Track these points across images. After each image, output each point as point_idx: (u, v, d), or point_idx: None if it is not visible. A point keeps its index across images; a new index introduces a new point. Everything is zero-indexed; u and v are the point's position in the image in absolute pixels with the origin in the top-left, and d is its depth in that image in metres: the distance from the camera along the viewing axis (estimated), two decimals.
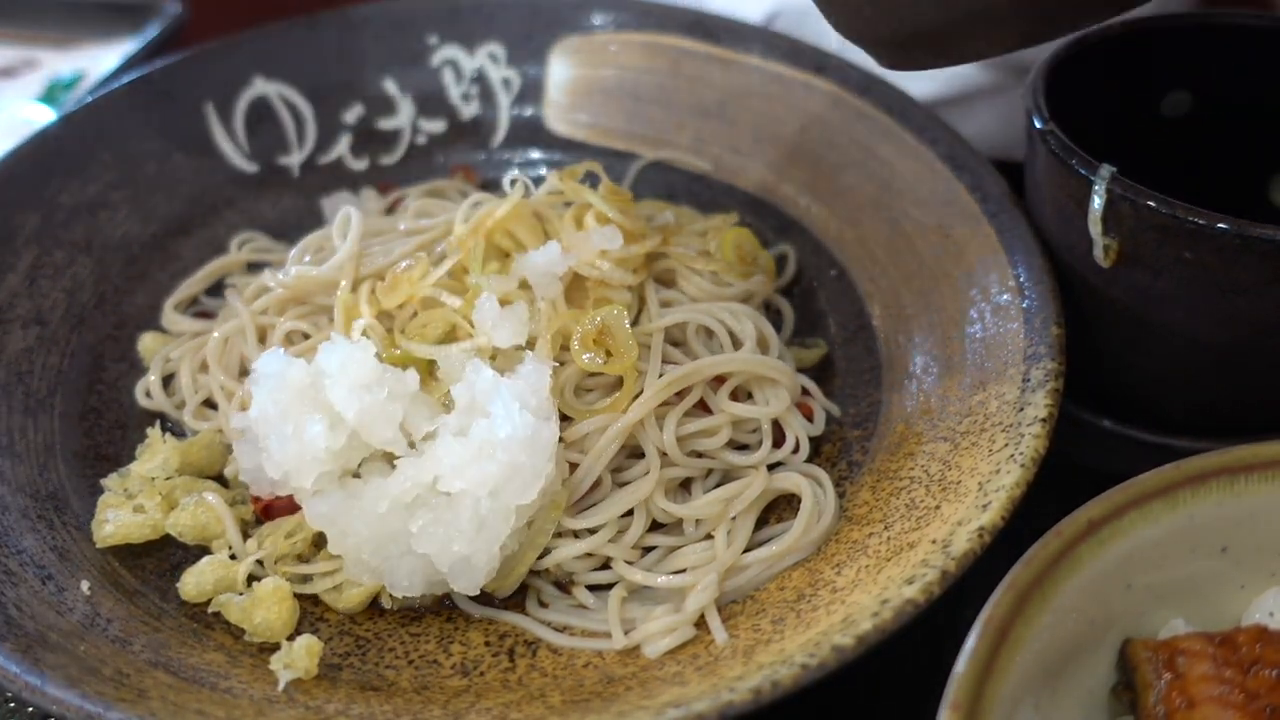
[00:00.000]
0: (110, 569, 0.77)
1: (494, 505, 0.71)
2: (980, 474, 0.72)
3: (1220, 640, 0.61)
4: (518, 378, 0.74)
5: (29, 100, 1.29)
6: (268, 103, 1.07)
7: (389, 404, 0.74)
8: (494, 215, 0.84)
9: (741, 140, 1.05)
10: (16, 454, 0.82)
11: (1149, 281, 0.76)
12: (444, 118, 1.11)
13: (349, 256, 0.85)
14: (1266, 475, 0.65)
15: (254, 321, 0.88)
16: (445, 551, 0.71)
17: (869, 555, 0.72)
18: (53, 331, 0.90)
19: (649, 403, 0.77)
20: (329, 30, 1.09)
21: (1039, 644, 0.59)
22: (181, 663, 0.70)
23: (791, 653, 0.64)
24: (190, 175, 1.03)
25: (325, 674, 0.71)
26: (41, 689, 0.64)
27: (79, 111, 1.01)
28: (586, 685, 0.69)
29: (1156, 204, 0.72)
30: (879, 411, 0.85)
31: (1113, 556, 0.62)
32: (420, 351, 0.79)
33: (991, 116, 1.09)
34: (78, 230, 0.96)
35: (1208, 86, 0.90)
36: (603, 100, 1.10)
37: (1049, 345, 0.77)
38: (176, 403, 0.89)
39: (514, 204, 0.85)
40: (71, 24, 1.39)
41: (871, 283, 0.93)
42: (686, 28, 1.08)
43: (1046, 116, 0.79)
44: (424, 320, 0.81)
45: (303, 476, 0.74)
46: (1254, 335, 0.76)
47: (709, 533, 0.78)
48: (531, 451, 0.71)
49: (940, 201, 0.91)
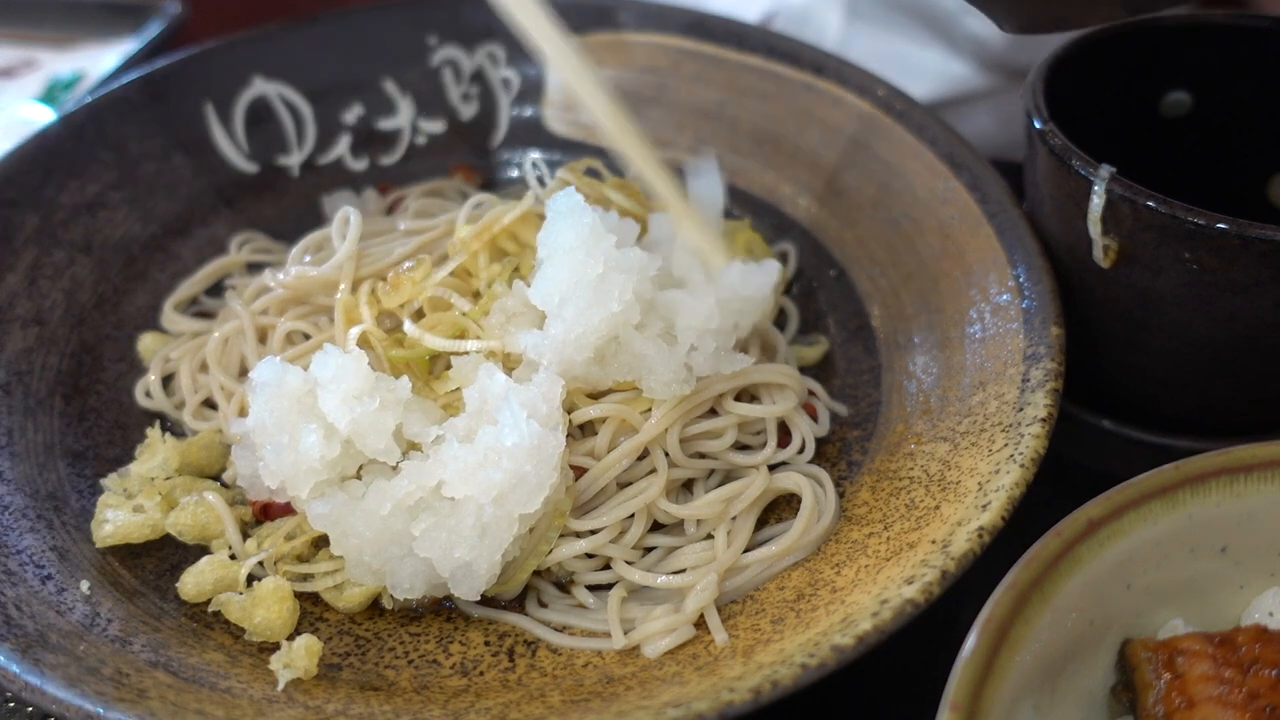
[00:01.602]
0: (110, 569, 0.77)
1: (498, 513, 0.71)
2: (980, 474, 0.72)
3: (1219, 640, 0.61)
4: (530, 385, 0.74)
5: (28, 100, 1.29)
6: (267, 103, 1.07)
7: (380, 414, 0.74)
8: (501, 221, 0.84)
9: (741, 140, 1.05)
10: (16, 454, 0.82)
11: (1148, 281, 0.77)
12: (444, 118, 1.11)
13: (348, 256, 0.85)
14: (1266, 475, 0.65)
15: (254, 322, 0.88)
16: (447, 557, 0.71)
17: (869, 555, 0.72)
18: (52, 331, 0.90)
19: (664, 421, 0.77)
20: (329, 30, 1.09)
21: (1038, 644, 0.59)
22: (181, 662, 0.70)
23: (791, 653, 0.64)
24: (190, 175, 1.03)
25: (325, 674, 0.71)
26: (41, 689, 0.64)
27: (78, 112, 1.01)
28: (586, 685, 0.69)
29: (1156, 204, 0.72)
30: (879, 411, 0.85)
31: (1112, 557, 0.62)
32: (439, 345, 0.78)
33: (991, 117, 1.10)
34: (77, 230, 0.96)
35: (1207, 86, 0.91)
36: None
37: (1048, 345, 0.77)
38: (176, 403, 0.89)
39: (524, 210, 0.85)
40: (71, 24, 1.39)
41: (871, 283, 0.93)
42: (686, 28, 1.08)
43: (1046, 116, 0.79)
44: (433, 321, 0.81)
45: (299, 485, 0.74)
46: (1253, 335, 0.76)
47: (709, 533, 0.78)
48: (537, 461, 0.71)
49: (940, 202, 0.91)
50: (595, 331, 0.75)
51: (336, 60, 1.09)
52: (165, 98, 1.04)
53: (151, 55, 1.23)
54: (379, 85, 1.10)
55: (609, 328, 0.75)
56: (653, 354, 0.76)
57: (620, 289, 0.75)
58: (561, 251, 0.76)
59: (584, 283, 0.75)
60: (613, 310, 0.75)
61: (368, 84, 1.10)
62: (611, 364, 0.77)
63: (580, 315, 0.75)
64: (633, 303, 0.75)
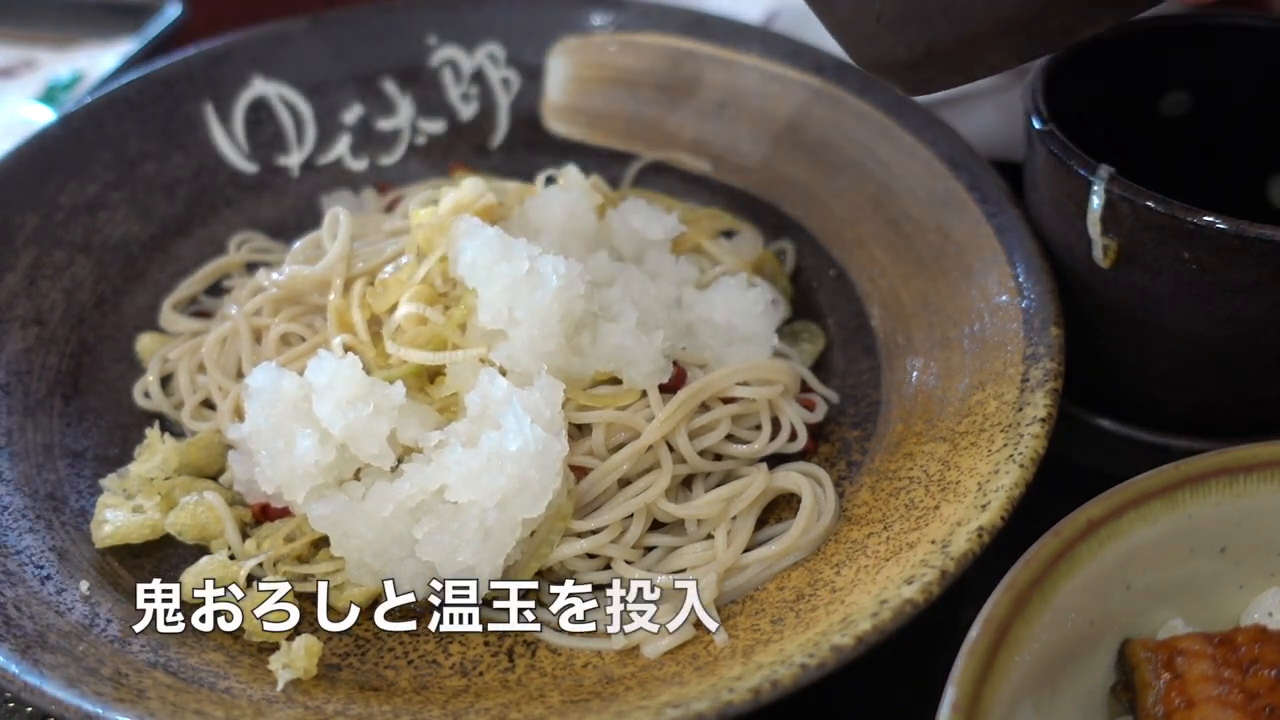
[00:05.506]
0: (109, 569, 0.77)
1: (501, 517, 0.71)
2: (979, 474, 0.72)
3: (1219, 640, 0.61)
4: (532, 390, 0.74)
5: (28, 100, 1.28)
6: (267, 103, 1.07)
7: (374, 419, 0.73)
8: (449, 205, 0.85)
9: (741, 140, 1.05)
10: (15, 454, 0.82)
11: (1148, 281, 0.76)
12: (443, 118, 1.11)
13: (340, 257, 0.85)
14: (1266, 475, 0.65)
15: (249, 323, 0.88)
16: (450, 560, 0.71)
17: (868, 555, 0.72)
18: (52, 331, 0.90)
19: (667, 423, 0.77)
20: (329, 30, 1.09)
21: (1038, 644, 0.59)
22: (180, 663, 0.69)
23: (791, 653, 0.64)
24: (190, 175, 1.03)
25: (325, 674, 0.71)
26: (40, 689, 0.64)
27: (78, 112, 1.01)
28: (585, 685, 0.69)
29: (1155, 204, 0.72)
30: (878, 412, 0.85)
31: (1112, 556, 0.62)
32: (425, 359, 0.78)
33: (991, 116, 1.09)
34: (77, 230, 0.96)
35: (1207, 86, 0.90)
36: (602, 100, 1.10)
37: (1048, 345, 0.77)
38: (175, 403, 0.89)
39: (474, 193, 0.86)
40: (70, 24, 1.39)
41: (870, 283, 0.93)
42: (686, 28, 1.08)
43: (1046, 117, 0.79)
44: (413, 336, 0.80)
45: (295, 490, 0.74)
46: (1253, 335, 0.76)
47: (709, 532, 0.78)
48: (541, 466, 0.71)
49: (939, 202, 0.91)
50: (551, 314, 0.76)
51: (336, 60, 1.09)
52: (165, 98, 1.04)
53: (151, 55, 1.23)
54: (379, 85, 1.10)
55: (560, 305, 0.76)
56: (632, 345, 0.77)
57: (554, 267, 0.76)
58: (483, 271, 0.77)
59: (516, 282, 0.76)
60: (554, 286, 0.76)
61: (368, 84, 1.10)
62: (590, 354, 0.78)
63: (529, 310, 0.76)
64: (573, 279, 0.76)
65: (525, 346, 0.76)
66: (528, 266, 0.77)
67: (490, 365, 0.77)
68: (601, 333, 0.79)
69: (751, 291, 0.86)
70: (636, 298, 0.82)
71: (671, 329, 0.82)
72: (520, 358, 0.77)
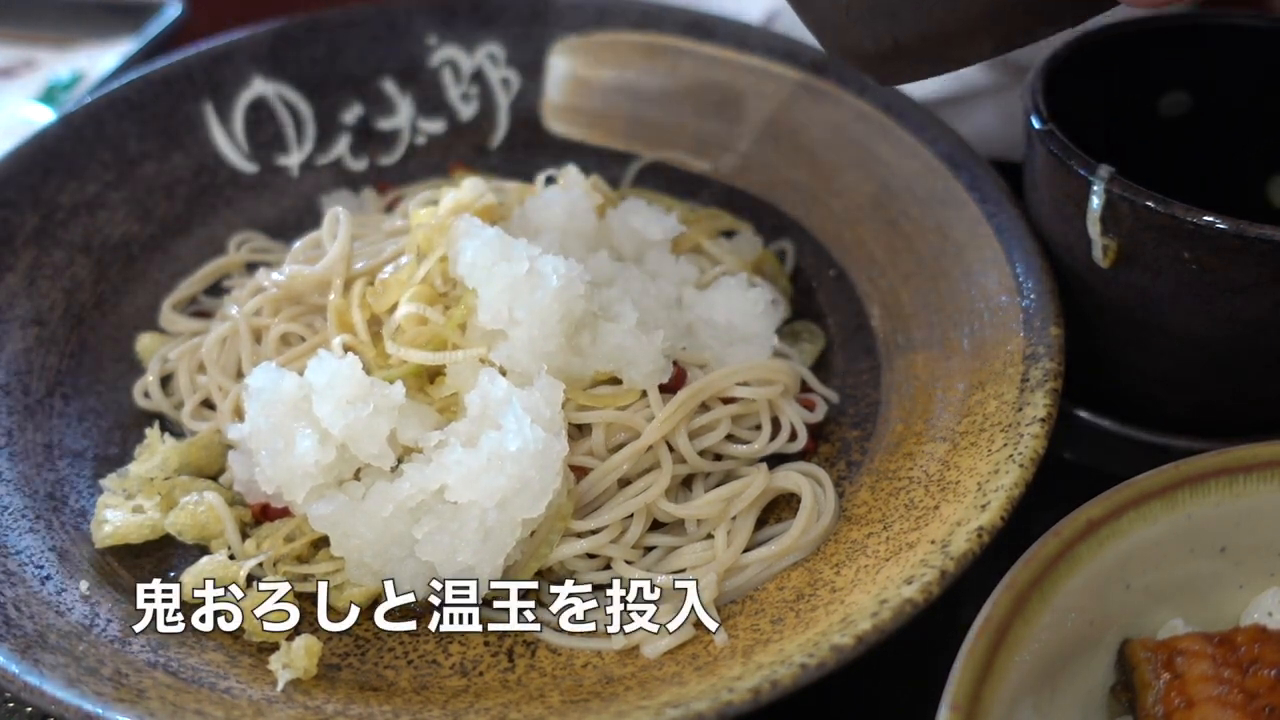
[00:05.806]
0: (109, 569, 0.77)
1: (501, 517, 0.71)
2: (979, 474, 0.72)
3: (1219, 640, 0.61)
4: (532, 390, 0.74)
5: (28, 100, 1.28)
6: (267, 103, 1.07)
7: (374, 419, 0.73)
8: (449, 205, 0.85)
9: (741, 140, 1.05)
10: (15, 454, 0.82)
11: (1148, 281, 0.77)
12: (443, 118, 1.11)
13: (340, 257, 0.85)
14: (1265, 475, 0.65)
15: (249, 324, 0.88)
16: (450, 560, 0.71)
17: (868, 555, 0.72)
18: (52, 331, 0.90)
19: (668, 423, 0.77)
20: (329, 30, 1.09)
21: (1038, 644, 0.59)
22: (180, 662, 0.70)
23: (790, 653, 0.64)
24: (189, 175, 1.03)
25: (324, 674, 0.71)
26: (40, 689, 0.64)
27: (78, 112, 1.01)
28: (585, 685, 0.69)
29: (1155, 204, 0.72)
30: (878, 412, 0.85)
31: (1112, 557, 0.62)
32: (425, 359, 0.78)
33: (991, 116, 1.09)
34: (77, 230, 0.96)
35: (1206, 86, 0.90)
36: (602, 100, 1.10)
37: (1048, 345, 0.77)
38: (175, 403, 0.89)
39: (474, 193, 0.85)
40: (70, 24, 1.38)
41: (870, 283, 0.93)
42: (686, 28, 1.08)
43: (1045, 116, 0.79)
44: (413, 336, 0.80)
45: (295, 490, 0.74)
46: (1253, 335, 0.76)
47: (709, 532, 0.78)
48: (541, 466, 0.71)
49: (939, 202, 0.91)
50: (551, 314, 0.76)
51: (336, 60, 1.09)
52: (165, 98, 1.04)
53: (151, 55, 1.23)
54: (379, 85, 1.10)
55: (560, 305, 0.76)
56: (632, 345, 0.78)
57: (554, 267, 0.77)
58: (483, 271, 0.77)
59: (516, 282, 0.76)
60: (554, 286, 0.76)
61: (368, 84, 1.10)
62: (590, 354, 0.78)
63: (529, 310, 0.76)
64: (573, 279, 0.76)
65: (525, 346, 0.76)
66: (528, 266, 0.77)
67: (490, 365, 0.77)
68: (601, 333, 0.79)
69: (751, 291, 0.86)
70: (636, 298, 0.82)
71: (671, 329, 0.82)
72: (520, 358, 0.77)
